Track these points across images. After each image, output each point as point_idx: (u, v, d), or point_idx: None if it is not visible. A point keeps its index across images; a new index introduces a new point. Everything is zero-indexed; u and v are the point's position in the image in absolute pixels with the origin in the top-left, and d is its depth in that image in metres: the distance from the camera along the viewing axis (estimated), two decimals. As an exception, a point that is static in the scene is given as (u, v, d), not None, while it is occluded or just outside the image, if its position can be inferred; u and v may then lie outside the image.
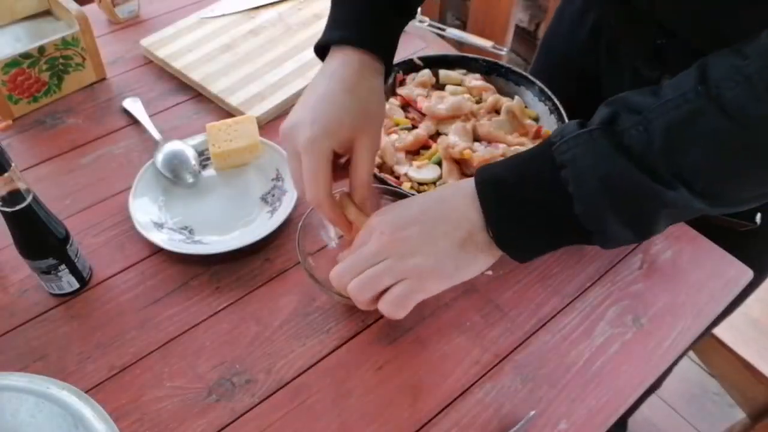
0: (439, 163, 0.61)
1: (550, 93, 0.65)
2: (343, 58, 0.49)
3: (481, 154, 0.58)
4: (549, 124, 0.64)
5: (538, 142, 0.61)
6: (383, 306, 0.43)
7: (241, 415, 0.48)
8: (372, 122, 0.49)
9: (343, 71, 0.48)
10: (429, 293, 0.43)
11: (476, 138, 0.63)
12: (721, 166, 0.37)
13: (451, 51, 0.79)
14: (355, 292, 0.43)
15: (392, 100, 0.67)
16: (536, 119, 0.66)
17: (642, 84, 0.41)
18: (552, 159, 0.40)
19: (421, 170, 0.60)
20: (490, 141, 0.62)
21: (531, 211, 0.41)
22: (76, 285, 0.54)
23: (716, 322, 0.80)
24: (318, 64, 0.80)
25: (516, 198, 0.41)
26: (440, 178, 0.60)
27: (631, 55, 0.61)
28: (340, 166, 0.50)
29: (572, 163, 0.39)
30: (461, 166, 0.60)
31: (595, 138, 0.38)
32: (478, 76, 0.70)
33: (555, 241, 0.43)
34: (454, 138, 0.61)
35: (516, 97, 0.67)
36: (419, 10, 0.58)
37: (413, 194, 0.56)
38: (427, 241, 0.42)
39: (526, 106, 0.66)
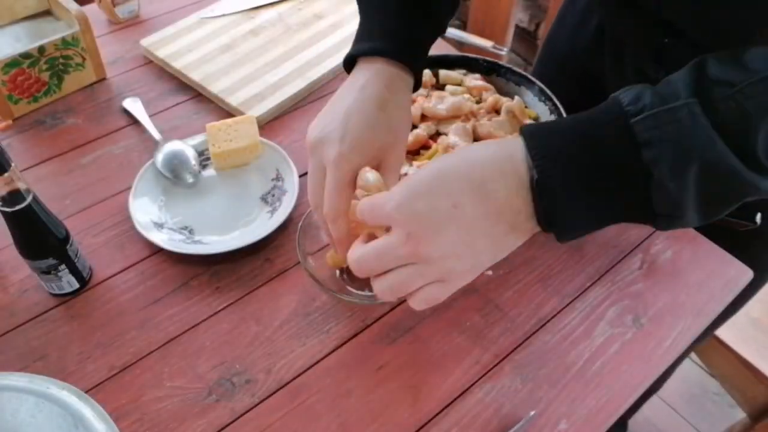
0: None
1: (550, 93, 0.65)
2: (374, 70, 0.48)
3: None
4: (549, 124, 0.64)
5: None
6: (413, 302, 0.39)
7: (241, 415, 0.48)
8: (399, 140, 0.48)
9: (374, 85, 0.47)
10: (460, 286, 0.39)
11: (476, 138, 0.63)
12: None
13: (452, 51, 0.79)
14: (382, 293, 0.39)
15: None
16: (536, 119, 0.66)
17: None
18: (631, 136, 0.34)
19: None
20: (490, 141, 0.62)
21: (598, 197, 0.35)
22: (76, 285, 0.54)
23: (718, 323, 0.80)
24: (318, 64, 0.80)
25: (582, 182, 0.35)
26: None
27: (636, 56, 0.61)
28: None
29: (660, 144, 0.33)
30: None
31: (689, 114, 0.33)
32: (478, 76, 0.70)
33: (612, 222, 0.37)
34: (454, 138, 0.61)
35: (516, 97, 0.67)
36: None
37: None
38: (465, 245, 0.37)
39: (526, 106, 0.66)
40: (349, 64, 0.51)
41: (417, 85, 0.52)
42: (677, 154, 0.33)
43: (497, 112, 0.65)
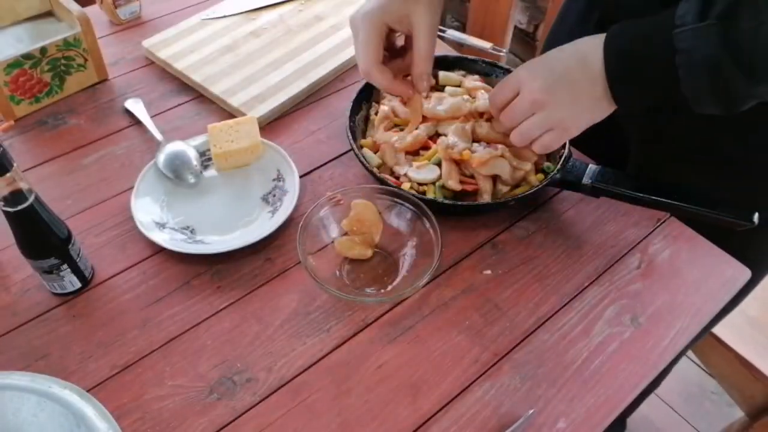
0: (439, 164, 0.61)
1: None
2: None
3: (480, 154, 0.59)
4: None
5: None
6: (536, 147, 0.55)
7: (242, 414, 0.48)
8: (421, 3, 0.53)
9: None
10: (570, 137, 0.55)
11: (475, 139, 0.63)
12: None
13: (451, 52, 0.79)
14: (516, 139, 0.55)
15: (393, 100, 0.68)
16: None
17: None
18: (671, 43, 0.46)
19: (421, 171, 0.61)
20: (489, 142, 0.62)
21: (645, 80, 0.49)
22: (78, 284, 0.55)
23: (714, 321, 0.80)
24: (319, 65, 0.80)
25: (635, 70, 0.49)
26: (440, 178, 0.60)
27: None
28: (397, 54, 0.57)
29: (687, 53, 0.45)
30: (460, 166, 0.61)
31: (711, 33, 0.44)
32: (477, 77, 0.70)
33: (657, 102, 0.52)
34: (454, 139, 0.61)
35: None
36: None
37: (413, 194, 0.57)
38: (573, 100, 0.52)
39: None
40: None
41: None
42: (694, 62, 0.45)
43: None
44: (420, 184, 0.61)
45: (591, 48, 0.51)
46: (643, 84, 0.50)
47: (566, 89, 0.51)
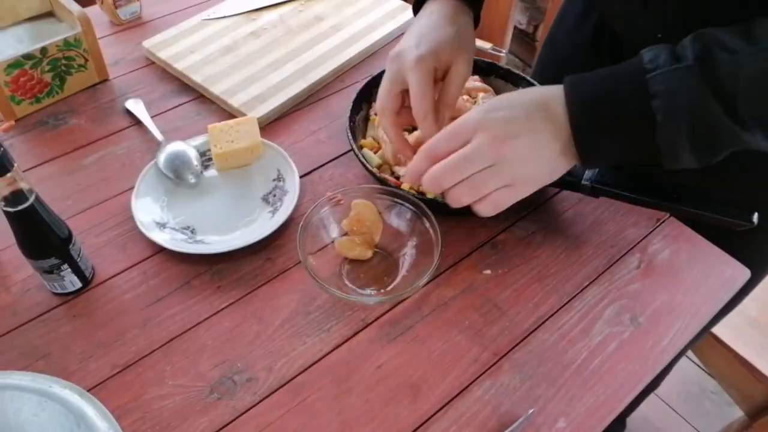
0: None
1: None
2: (440, 3, 0.57)
3: None
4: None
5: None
6: (482, 206, 0.47)
7: (243, 413, 0.48)
8: (467, 49, 0.55)
9: (442, 10, 0.56)
10: (524, 196, 0.48)
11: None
12: None
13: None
14: (461, 195, 0.47)
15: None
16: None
17: None
18: (645, 88, 0.42)
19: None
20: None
21: (614, 132, 0.45)
22: (79, 284, 0.55)
23: (714, 321, 0.80)
24: (319, 66, 0.80)
25: (604, 120, 0.44)
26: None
27: (633, 54, 0.62)
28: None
29: (664, 96, 0.42)
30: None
31: (691, 74, 0.41)
32: (477, 77, 0.70)
33: (627, 157, 0.46)
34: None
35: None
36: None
37: (412, 194, 0.57)
38: (534, 151, 0.46)
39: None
40: (417, 6, 0.60)
41: (477, 20, 0.60)
42: (675, 105, 0.41)
43: None
44: (420, 185, 0.61)
45: (553, 96, 0.46)
46: (613, 135, 0.45)
47: (527, 140, 0.46)
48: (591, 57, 0.69)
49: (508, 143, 0.45)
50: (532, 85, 0.67)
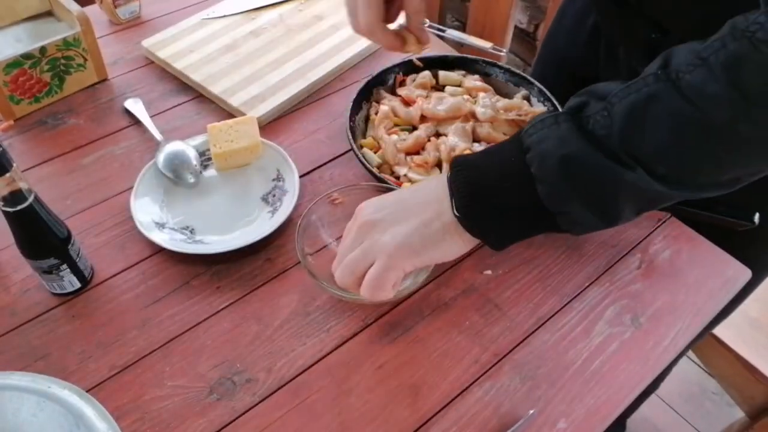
0: (438, 165, 0.61)
1: (549, 94, 0.65)
2: None
3: None
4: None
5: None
6: (364, 291, 0.45)
7: (242, 414, 0.48)
8: None
9: None
10: (401, 269, 0.45)
11: (476, 139, 0.63)
12: (678, 148, 0.38)
13: (451, 52, 0.79)
14: (340, 278, 0.47)
15: (393, 100, 0.68)
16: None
17: None
18: (520, 143, 0.42)
19: (420, 171, 0.61)
20: (489, 142, 0.62)
21: (497, 195, 0.42)
22: (78, 284, 0.55)
23: (715, 322, 0.80)
24: (319, 65, 0.80)
25: (483, 181, 0.43)
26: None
27: (628, 53, 0.62)
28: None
29: (536, 145, 0.41)
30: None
31: (560, 122, 0.40)
32: (477, 77, 0.70)
33: (523, 226, 0.44)
34: (454, 139, 0.61)
35: (516, 96, 0.67)
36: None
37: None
38: (396, 221, 0.45)
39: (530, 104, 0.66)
40: None
41: None
42: (546, 151, 0.40)
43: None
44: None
45: (434, 178, 0.48)
46: (496, 196, 0.42)
47: (392, 213, 0.45)
48: (588, 57, 0.69)
49: (369, 218, 0.46)
50: (533, 84, 0.66)
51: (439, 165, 0.61)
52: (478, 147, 0.61)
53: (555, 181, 0.40)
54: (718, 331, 0.97)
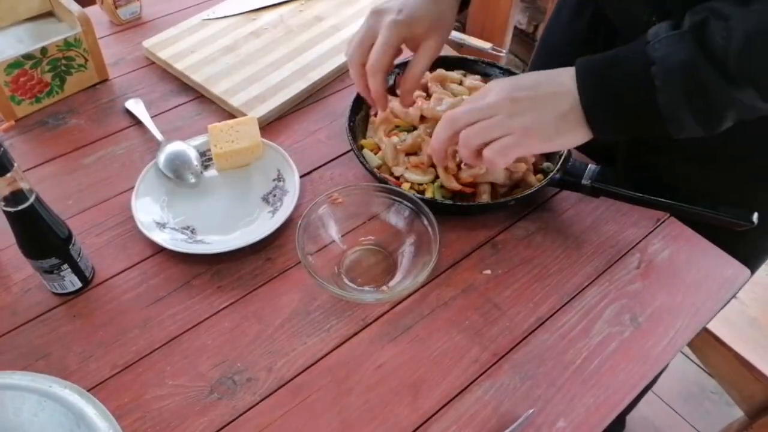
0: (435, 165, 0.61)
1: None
2: None
3: (467, 173, 0.59)
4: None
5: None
6: (489, 153, 0.50)
7: (243, 413, 0.48)
8: (442, 30, 0.59)
9: None
10: (529, 150, 0.53)
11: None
12: None
13: (451, 52, 0.79)
14: (468, 138, 0.50)
15: (393, 101, 0.68)
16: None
17: None
18: (645, 55, 0.46)
19: (416, 172, 0.61)
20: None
21: (619, 98, 0.48)
22: (79, 284, 0.55)
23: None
24: (319, 66, 0.80)
25: (609, 90, 0.48)
26: (436, 178, 0.61)
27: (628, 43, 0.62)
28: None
29: (661, 61, 0.45)
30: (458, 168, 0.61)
31: (685, 40, 0.44)
32: (477, 77, 0.70)
33: (637, 126, 0.49)
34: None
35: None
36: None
37: (413, 194, 0.57)
38: (536, 106, 0.49)
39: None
40: None
41: (465, 3, 0.63)
42: (670, 68, 0.45)
43: None
44: (419, 184, 0.61)
45: (563, 70, 0.51)
46: (619, 100, 0.48)
47: (531, 98, 0.50)
48: (587, 50, 0.69)
49: (511, 95, 0.50)
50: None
51: (434, 165, 0.61)
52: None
53: (675, 94, 0.45)
54: (718, 330, 0.97)
